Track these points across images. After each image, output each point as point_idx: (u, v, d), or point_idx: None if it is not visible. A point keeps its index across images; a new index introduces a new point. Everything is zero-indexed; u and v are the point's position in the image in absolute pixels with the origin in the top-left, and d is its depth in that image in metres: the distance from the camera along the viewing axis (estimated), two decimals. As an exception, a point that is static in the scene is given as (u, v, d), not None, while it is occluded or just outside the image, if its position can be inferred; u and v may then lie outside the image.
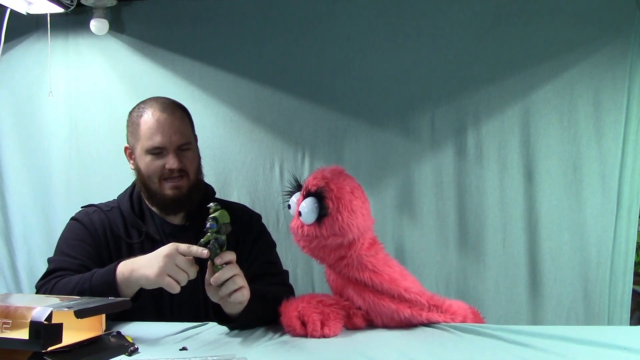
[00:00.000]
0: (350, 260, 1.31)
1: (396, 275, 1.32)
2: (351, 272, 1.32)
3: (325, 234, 1.26)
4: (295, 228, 1.31)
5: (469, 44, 1.96)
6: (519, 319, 1.91)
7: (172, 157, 1.48)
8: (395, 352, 1.14)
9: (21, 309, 1.01)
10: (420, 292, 1.33)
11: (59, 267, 1.42)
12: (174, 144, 1.49)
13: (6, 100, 2.16)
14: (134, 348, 1.12)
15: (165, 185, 1.49)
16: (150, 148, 1.48)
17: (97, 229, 1.51)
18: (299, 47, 2.04)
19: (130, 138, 1.55)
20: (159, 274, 1.21)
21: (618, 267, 1.88)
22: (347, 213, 1.24)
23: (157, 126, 1.48)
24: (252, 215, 1.67)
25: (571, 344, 1.15)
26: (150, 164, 1.49)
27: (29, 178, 2.15)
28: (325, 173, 1.30)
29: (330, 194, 1.25)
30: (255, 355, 1.11)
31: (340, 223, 1.24)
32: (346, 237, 1.26)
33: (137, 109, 1.55)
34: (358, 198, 1.28)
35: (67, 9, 1.98)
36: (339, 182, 1.27)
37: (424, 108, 1.98)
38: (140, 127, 1.50)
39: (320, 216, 1.25)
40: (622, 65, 1.86)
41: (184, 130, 1.53)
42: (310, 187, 1.28)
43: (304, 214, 1.27)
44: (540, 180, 1.92)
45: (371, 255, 1.32)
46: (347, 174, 1.33)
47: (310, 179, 1.31)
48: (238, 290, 1.22)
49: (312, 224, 1.26)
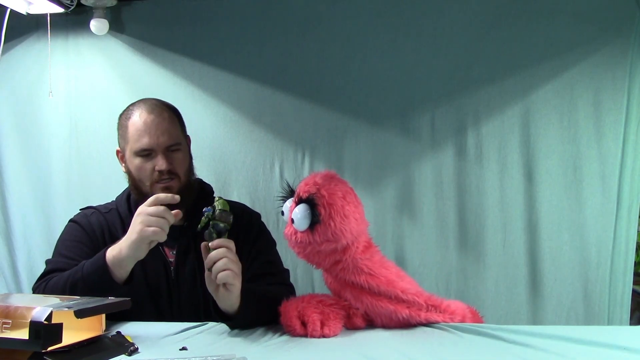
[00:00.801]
0: (345, 265, 1.30)
1: (393, 276, 1.32)
2: (347, 276, 1.31)
3: (318, 240, 1.25)
4: (289, 235, 1.30)
5: (469, 44, 1.96)
6: (519, 319, 1.91)
7: (161, 159, 1.46)
8: (395, 352, 1.14)
9: (21, 309, 1.01)
10: (417, 292, 1.32)
11: (55, 268, 1.42)
12: (162, 145, 1.47)
13: (6, 100, 2.16)
14: (134, 348, 1.12)
15: (156, 187, 1.47)
16: (138, 150, 1.47)
17: (95, 231, 1.50)
18: (299, 47, 2.04)
19: (120, 141, 1.54)
20: (139, 230, 1.27)
21: (618, 267, 1.88)
22: (340, 219, 1.24)
23: (144, 128, 1.47)
24: (251, 214, 1.67)
25: (571, 344, 1.15)
26: (140, 167, 1.48)
27: (29, 178, 2.15)
28: (316, 179, 1.29)
29: (322, 201, 1.24)
30: (255, 355, 1.11)
31: (333, 229, 1.24)
32: (339, 242, 1.26)
33: (126, 111, 1.54)
34: (350, 203, 1.27)
35: (67, 9, 1.99)
36: (331, 188, 1.26)
37: (424, 108, 1.98)
38: (128, 130, 1.49)
39: (313, 223, 1.24)
40: (622, 65, 1.87)
41: (173, 131, 1.51)
42: (301, 193, 1.28)
43: (296, 221, 1.26)
44: (540, 180, 1.92)
45: (366, 259, 1.31)
46: (339, 179, 1.32)
47: (302, 185, 1.30)
48: (226, 270, 1.22)
49: (305, 230, 1.26)
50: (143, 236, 1.27)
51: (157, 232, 1.27)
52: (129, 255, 1.29)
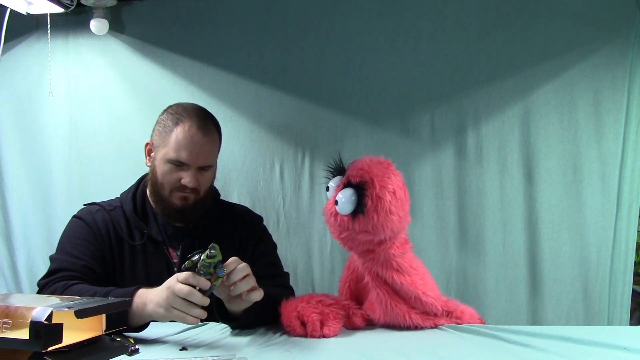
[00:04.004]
0: (377, 256, 1.29)
1: (418, 278, 1.31)
2: (375, 267, 1.30)
3: (357, 229, 1.23)
4: (329, 214, 1.27)
5: (469, 44, 1.96)
6: (519, 319, 1.90)
7: (191, 175, 1.46)
8: (395, 352, 1.14)
9: (21, 309, 1.00)
10: (436, 297, 1.32)
11: (62, 267, 1.41)
12: (197, 164, 1.47)
13: (6, 101, 2.16)
14: (134, 348, 1.12)
15: (175, 195, 1.48)
16: (173, 159, 1.46)
17: (101, 229, 1.49)
18: (299, 47, 2.04)
19: (156, 136, 1.52)
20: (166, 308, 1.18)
21: (618, 267, 1.88)
22: (384, 214, 1.21)
23: (188, 142, 1.45)
24: (254, 217, 1.67)
25: (571, 344, 1.15)
26: (167, 173, 1.47)
27: (29, 178, 2.15)
28: (372, 165, 1.25)
29: (372, 192, 1.21)
30: (255, 355, 1.12)
31: (375, 223, 1.21)
32: (378, 236, 1.25)
33: (175, 112, 1.50)
34: (399, 199, 1.24)
35: (67, 9, 1.99)
36: (384, 180, 1.23)
37: (424, 108, 1.98)
38: (171, 134, 1.47)
39: (356, 211, 1.22)
40: (622, 65, 1.86)
41: (211, 153, 1.52)
42: (352, 177, 1.24)
43: (340, 204, 1.23)
44: (540, 180, 1.92)
45: (399, 255, 1.30)
46: (394, 170, 1.28)
47: (354, 167, 1.27)
48: (253, 290, 1.22)
49: (347, 215, 1.23)
50: (168, 315, 1.20)
51: (181, 317, 1.18)
52: (151, 315, 1.24)
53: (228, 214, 1.62)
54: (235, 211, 1.66)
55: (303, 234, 2.03)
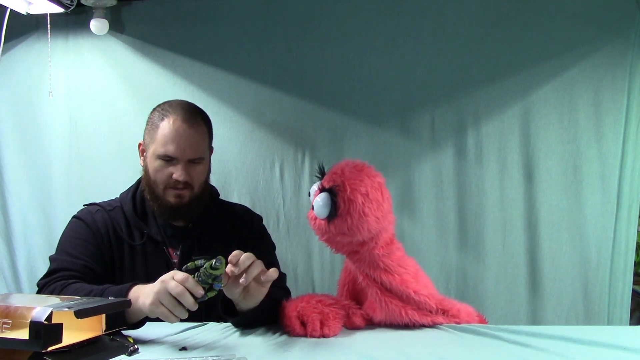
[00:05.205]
0: (362, 257, 1.31)
1: (408, 276, 1.31)
2: (363, 267, 1.31)
3: (334, 231, 1.26)
4: (310, 218, 1.31)
5: (469, 44, 1.96)
6: (518, 319, 1.91)
7: (181, 169, 1.46)
8: (395, 352, 1.14)
9: (21, 309, 1.00)
10: (430, 295, 1.32)
11: (62, 267, 1.41)
12: (185, 156, 1.47)
13: (6, 100, 2.16)
14: (134, 348, 1.12)
15: (169, 193, 1.48)
16: (161, 154, 1.47)
17: (100, 229, 1.49)
18: (299, 47, 2.04)
19: (146, 136, 1.53)
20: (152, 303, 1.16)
21: (618, 267, 1.89)
22: (358, 216, 1.23)
23: (174, 135, 1.46)
24: (253, 217, 1.67)
25: (571, 344, 1.15)
26: (159, 169, 1.48)
27: (29, 178, 2.15)
28: (345, 170, 1.27)
29: (343, 195, 1.23)
30: (255, 355, 1.11)
31: (350, 225, 1.23)
32: (355, 237, 1.26)
33: (161, 109, 1.51)
34: (373, 201, 1.25)
35: (67, 9, 1.99)
36: (355, 183, 1.24)
37: (424, 108, 1.98)
38: (157, 130, 1.48)
39: (332, 214, 1.24)
40: (622, 65, 1.87)
41: (200, 145, 1.50)
42: (325, 182, 1.27)
43: (316, 208, 1.26)
44: (540, 180, 1.92)
45: (385, 255, 1.30)
46: (368, 172, 1.29)
47: (330, 172, 1.29)
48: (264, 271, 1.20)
49: (324, 219, 1.26)
50: (153, 309, 1.16)
51: (165, 315, 1.15)
52: (140, 308, 1.21)
53: (227, 214, 1.62)
54: (235, 211, 1.66)
55: (303, 234, 2.04)
